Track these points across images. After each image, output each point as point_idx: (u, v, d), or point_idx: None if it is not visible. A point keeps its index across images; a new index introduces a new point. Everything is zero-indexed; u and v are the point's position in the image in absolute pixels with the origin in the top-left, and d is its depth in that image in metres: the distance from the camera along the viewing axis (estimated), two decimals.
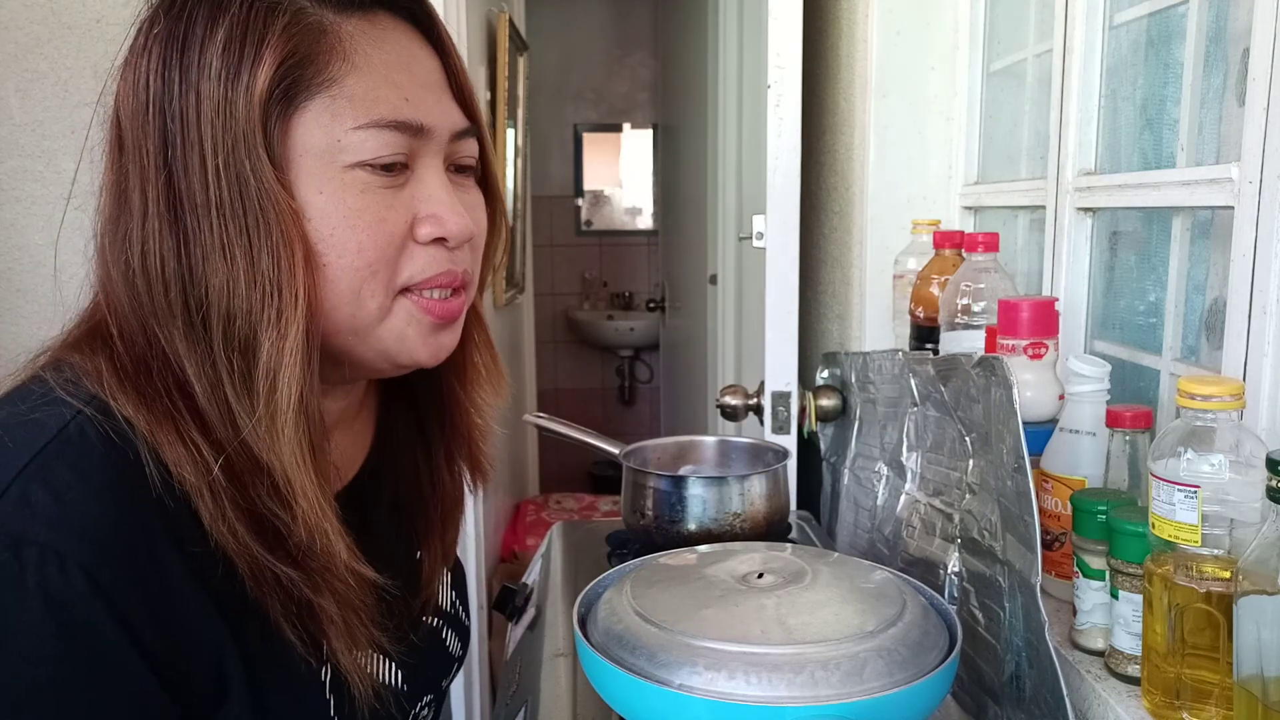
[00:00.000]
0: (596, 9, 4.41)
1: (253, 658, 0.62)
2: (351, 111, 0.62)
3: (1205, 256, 0.98)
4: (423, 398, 0.81)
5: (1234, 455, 0.68)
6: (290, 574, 0.62)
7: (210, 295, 0.60)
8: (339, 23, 0.63)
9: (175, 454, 0.59)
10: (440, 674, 0.84)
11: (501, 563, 2.66)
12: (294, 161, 0.61)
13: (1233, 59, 0.93)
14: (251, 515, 0.61)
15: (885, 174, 1.55)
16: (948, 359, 1.05)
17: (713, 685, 0.66)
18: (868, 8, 1.54)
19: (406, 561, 0.81)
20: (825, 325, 1.87)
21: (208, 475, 0.59)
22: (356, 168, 0.63)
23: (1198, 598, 0.68)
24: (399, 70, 0.64)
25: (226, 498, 0.60)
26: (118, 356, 0.62)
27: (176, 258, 0.60)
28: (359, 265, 0.63)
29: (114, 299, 0.63)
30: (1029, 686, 0.83)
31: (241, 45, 0.60)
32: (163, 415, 0.60)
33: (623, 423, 4.58)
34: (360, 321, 0.65)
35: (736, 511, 1.13)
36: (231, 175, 0.59)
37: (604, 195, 4.58)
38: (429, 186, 0.66)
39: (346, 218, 0.62)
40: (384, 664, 0.74)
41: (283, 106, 0.61)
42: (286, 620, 0.63)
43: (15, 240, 1.80)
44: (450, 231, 0.66)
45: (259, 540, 0.61)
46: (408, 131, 0.64)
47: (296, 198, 0.61)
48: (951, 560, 1.00)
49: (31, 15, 1.77)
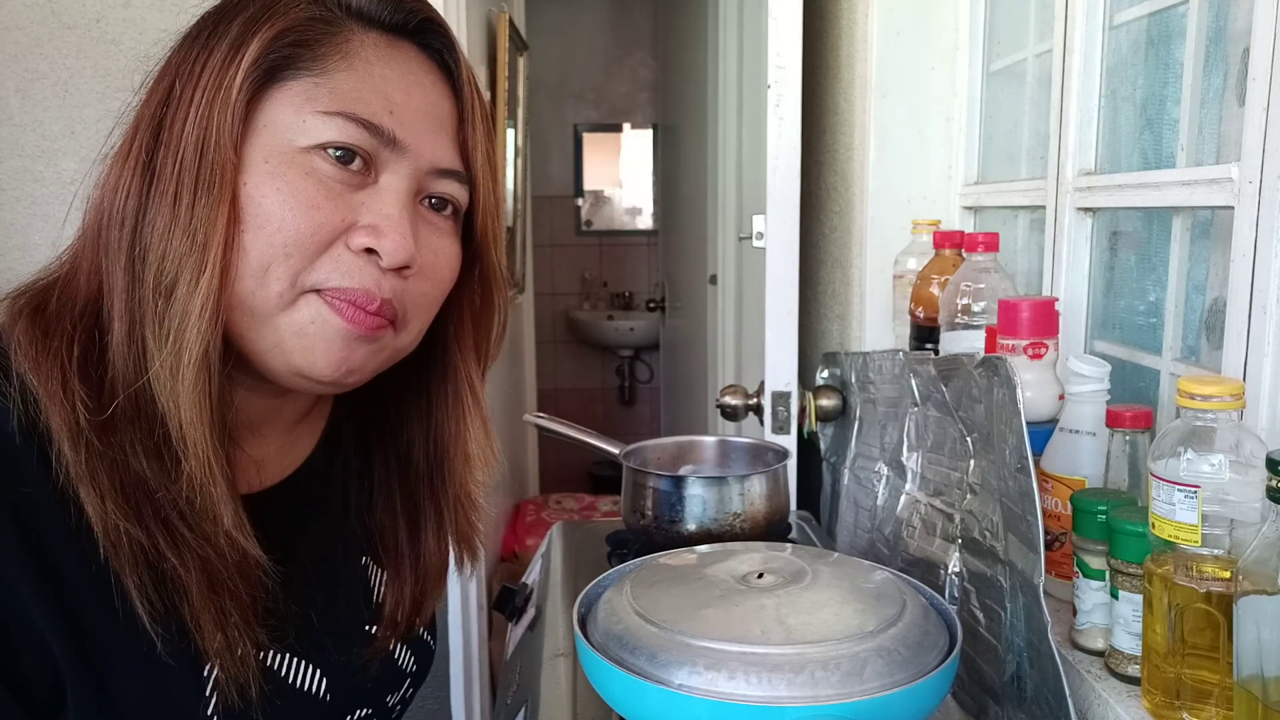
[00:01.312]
0: (596, 9, 4.41)
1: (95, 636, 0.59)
2: (328, 99, 0.63)
3: (1205, 256, 0.98)
4: (418, 461, 0.79)
5: (1234, 455, 0.68)
6: (151, 538, 0.60)
7: (153, 236, 0.61)
8: (357, 31, 0.65)
9: (50, 392, 0.59)
10: (384, 689, 0.80)
11: (501, 563, 2.66)
12: (257, 129, 0.63)
13: (1233, 59, 0.93)
14: (116, 468, 0.59)
15: (885, 174, 1.55)
16: (950, 359, 1.05)
17: (712, 685, 0.66)
18: (868, 8, 1.54)
19: (350, 571, 0.78)
20: (825, 325, 1.87)
21: (75, 419, 0.58)
22: (313, 152, 0.63)
23: (1198, 598, 0.68)
24: (396, 89, 0.65)
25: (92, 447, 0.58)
26: (47, 286, 0.64)
27: (138, 196, 0.62)
28: (273, 241, 0.62)
29: (83, 236, 0.65)
30: (1030, 687, 0.83)
31: (258, 19, 0.63)
32: (53, 355, 0.60)
33: (623, 423, 4.58)
34: (259, 302, 0.63)
35: (736, 511, 1.13)
36: (201, 130, 0.61)
37: (604, 195, 4.58)
38: (383, 199, 0.65)
39: (280, 190, 0.62)
40: (302, 667, 0.71)
41: (265, 74, 0.62)
42: (139, 590, 0.59)
43: (15, 240, 1.80)
44: (384, 247, 0.63)
45: (121, 496, 0.59)
46: (377, 135, 0.64)
47: (244, 158, 0.62)
48: (952, 560, 1.00)
49: (31, 15, 1.77)
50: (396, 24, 0.67)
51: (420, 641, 0.85)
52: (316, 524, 0.77)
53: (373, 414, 0.81)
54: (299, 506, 0.75)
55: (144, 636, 0.60)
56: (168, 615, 0.61)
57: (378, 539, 0.80)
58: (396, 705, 0.82)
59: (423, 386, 0.78)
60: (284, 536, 0.68)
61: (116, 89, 1.74)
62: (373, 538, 0.80)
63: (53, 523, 0.58)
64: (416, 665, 0.84)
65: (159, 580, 0.60)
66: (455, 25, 1.93)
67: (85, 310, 0.63)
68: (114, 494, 0.59)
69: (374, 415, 0.81)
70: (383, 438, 0.81)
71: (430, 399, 0.78)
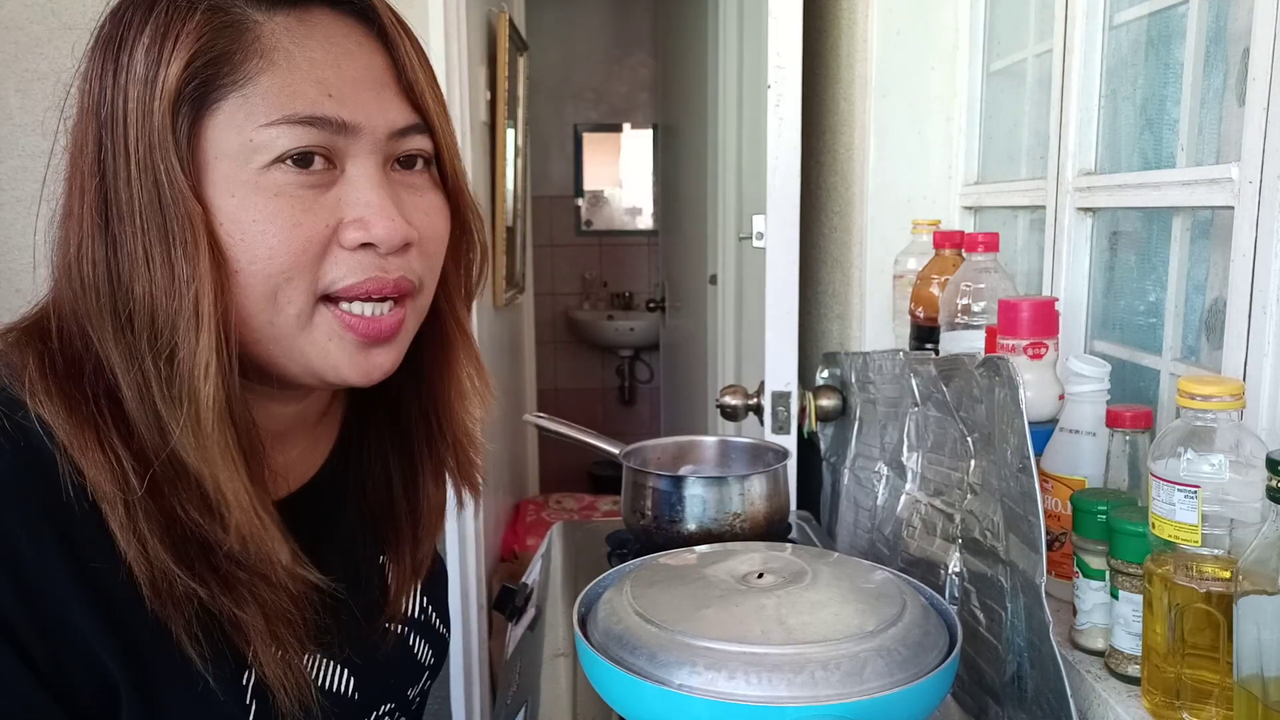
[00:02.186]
0: (596, 9, 4.40)
1: (149, 669, 0.60)
2: (264, 109, 0.60)
3: (1205, 256, 0.98)
4: (408, 409, 0.78)
5: (1234, 455, 0.68)
6: (206, 587, 0.60)
7: (134, 301, 0.59)
8: (261, 21, 0.61)
9: (92, 461, 0.58)
10: (405, 682, 0.81)
11: (501, 563, 2.66)
12: (209, 165, 0.60)
13: (1233, 59, 0.93)
14: (168, 528, 0.59)
15: (885, 174, 1.55)
16: (951, 359, 1.05)
17: (712, 685, 0.66)
18: (868, 8, 1.54)
19: (369, 567, 0.79)
20: (825, 325, 1.87)
21: (124, 485, 0.58)
22: (272, 168, 0.60)
23: (1198, 598, 0.68)
24: (326, 67, 0.61)
25: (142, 509, 0.58)
26: (50, 355, 0.61)
27: (105, 263, 0.59)
28: (271, 271, 0.60)
29: (59, 298, 0.63)
30: (1031, 687, 0.83)
31: (160, 45, 0.59)
32: (85, 420, 0.59)
33: (623, 423, 4.58)
34: (280, 330, 0.62)
35: (736, 511, 1.13)
36: (149, 179, 0.58)
37: (604, 195, 4.58)
38: (358, 189, 0.62)
39: (257, 222, 0.60)
40: (330, 668, 0.72)
41: (193, 106, 0.59)
42: (189, 635, 0.60)
43: (15, 240, 1.80)
44: (377, 237, 0.62)
45: (173, 553, 0.59)
46: (327, 128, 0.61)
47: (208, 201, 0.59)
48: (952, 560, 1.00)
49: (31, 15, 1.77)
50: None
51: (434, 631, 0.86)
52: (340, 522, 0.77)
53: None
54: (323, 507, 0.75)
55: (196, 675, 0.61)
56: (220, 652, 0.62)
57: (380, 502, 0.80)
58: (416, 698, 0.83)
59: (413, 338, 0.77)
60: (312, 540, 0.68)
61: None
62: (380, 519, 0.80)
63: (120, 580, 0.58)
64: (434, 657, 0.85)
65: (211, 624, 0.61)
66: (455, 25, 1.93)
67: (98, 376, 0.61)
68: (169, 549, 0.59)
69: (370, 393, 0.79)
70: (372, 398, 0.79)
71: (419, 345, 0.74)
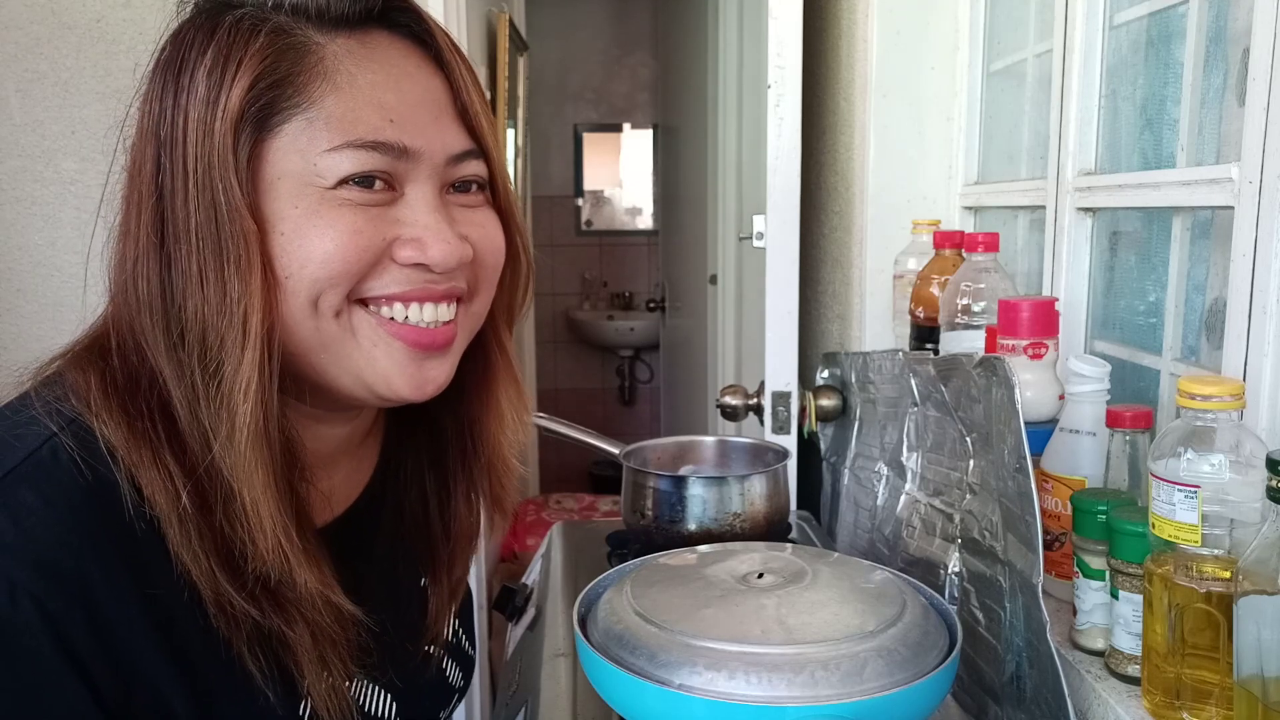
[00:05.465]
0: (596, 9, 4.40)
1: (210, 694, 0.61)
2: (327, 134, 0.60)
3: (1205, 256, 0.98)
4: (445, 429, 0.78)
5: (1234, 455, 0.68)
6: (258, 604, 0.61)
7: (187, 318, 0.60)
8: (324, 43, 0.61)
9: (149, 477, 0.59)
10: (438, 705, 0.82)
11: (501, 563, 2.66)
12: (271, 183, 0.60)
13: (1233, 59, 0.93)
14: (219, 543, 0.60)
15: (885, 174, 1.55)
16: (949, 359, 1.05)
17: (713, 685, 0.66)
18: (868, 8, 1.54)
19: (410, 589, 0.79)
20: (825, 325, 1.87)
21: (177, 500, 0.59)
22: (338, 188, 0.61)
23: (1198, 598, 0.68)
24: (387, 90, 0.62)
25: (193, 524, 0.59)
26: (111, 372, 0.62)
27: (160, 280, 0.60)
28: (320, 275, 0.61)
29: (118, 314, 0.63)
30: (1030, 687, 0.83)
31: (223, 67, 0.59)
32: (141, 436, 0.59)
33: (623, 423, 4.58)
34: (326, 336, 0.62)
35: (736, 511, 1.13)
36: (206, 199, 0.59)
37: (604, 195, 4.58)
38: (416, 210, 0.63)
39: (318, 228, 0.60)
40: (376, 693, 0.72)
41: (256, 127, 0.60)
42: (250, 651, 0.61)
43: (15, 240, 1.79)
44: (432, 258, 0.63)
45: (225, 569, 0.60)
46: (389, 153, 0.62)
47: (269, 211, 0.60)
48: (952, 560, 1.00)
49: (31, 15, 1.77)
50: (359, 15, 0.63)
51: (464, 653, 0.87)
52: (382, 545, 0.77)
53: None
54: (366, 530, 0.75)
55: (256, 689, 0.62)
56: (275, 672, 0.62)
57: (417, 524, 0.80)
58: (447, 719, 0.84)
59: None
60: (357, 563, 0.68)
61: (116, 89, 1.74)
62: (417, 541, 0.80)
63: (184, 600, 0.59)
64: (463, 679, 0.86)
65: (266, 639, 0.62)
66: (455, 25, 1.93)
67: (153, 392, 0.61)
68: (221, 567, 0.60)
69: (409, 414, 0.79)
70: (410, 417, 0.79)
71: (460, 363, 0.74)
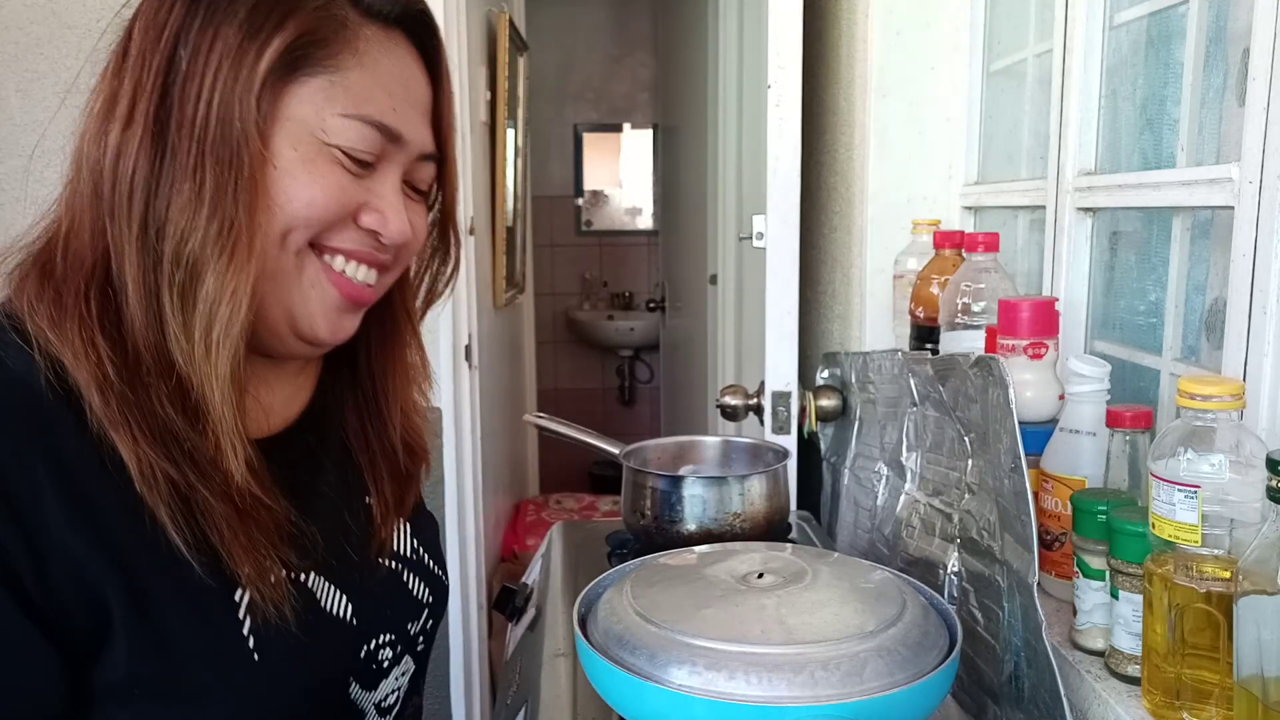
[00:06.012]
0: (596, 9, 4.40)
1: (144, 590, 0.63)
2: (345, 99, 0.67)
3: (1205, 256, 0.98)
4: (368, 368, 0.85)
5: (1234, 455, 0.68)
6: (183, 474, 0.63)
7: (170, 212, 0.63)
8: (360, 24, 0.69)
9: (72, 349, 0.62)
10: (403, 616, 0.83)
11: (501, 563, 2.66)
12: (281, 119, 0.66)
13: (1233, 59, 0.93)
14: (145, 418, 0.63)
15: (885, 174, 1.55)
16: (946, 359, 1.05)
17: (713, 685, 0.66)
18: (868, 8, 1.54)
19: (357, 504, 0.82)
20: (825, 325, 1.87)
21: (101, 373, 0.62)
22: (334, 148, 0.67)
23: (1198, 598, 0.68)
24: (396, 83, 0.71)
25: (118, 396, 0.62)
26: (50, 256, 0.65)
27: (150, 168, 0.64)
28: (301, 215, 0.67)
29: (76, 194, 0.66)
30: (1028, 686, 0.83)
31: (270, 9, 0.65)
32: (69, 313, 0.63)
33: (623, 423, 4.58)
34: (279, 267, 0.68)
35: (736, 511, 1.13)
36: (223, 113, 0.64)
37: (604, 195, 4.58)
38: (384, 187, 0.72)
39: (309, 174, 0.67)
40: (331, 592, 0.75)
41: (284, 70, 0.65)
42: (173, 521, 0.63)
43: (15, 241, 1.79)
44: (389, 232, 0.71)
45: (148, 440, 0.62)
46: (386, 135, 0.70)
47: (271, 147, 0.65)
48: (951, 560, 1.00)
49: (31, 15, 1.77)
50: (395, 15, 0.71)
51: (430, 572, 0.88)
52: (327, 463, 0.81)
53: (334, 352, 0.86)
54: (309, 448, 0.80)
55: (181, 563, 0.64)
56: (200, 544, 0.65)
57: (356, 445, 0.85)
58: (419, 635, 0.85)
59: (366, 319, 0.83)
60: (299, 476, 0.74)
61: None
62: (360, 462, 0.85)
63: (88, 466, 0.62)
64: (432, 597, 0.87)
65: (190, 512, 0.64)
66: (455, 25, 1.94)
67: (95, 268, 0.65)
68: (144, 436, 0.63)
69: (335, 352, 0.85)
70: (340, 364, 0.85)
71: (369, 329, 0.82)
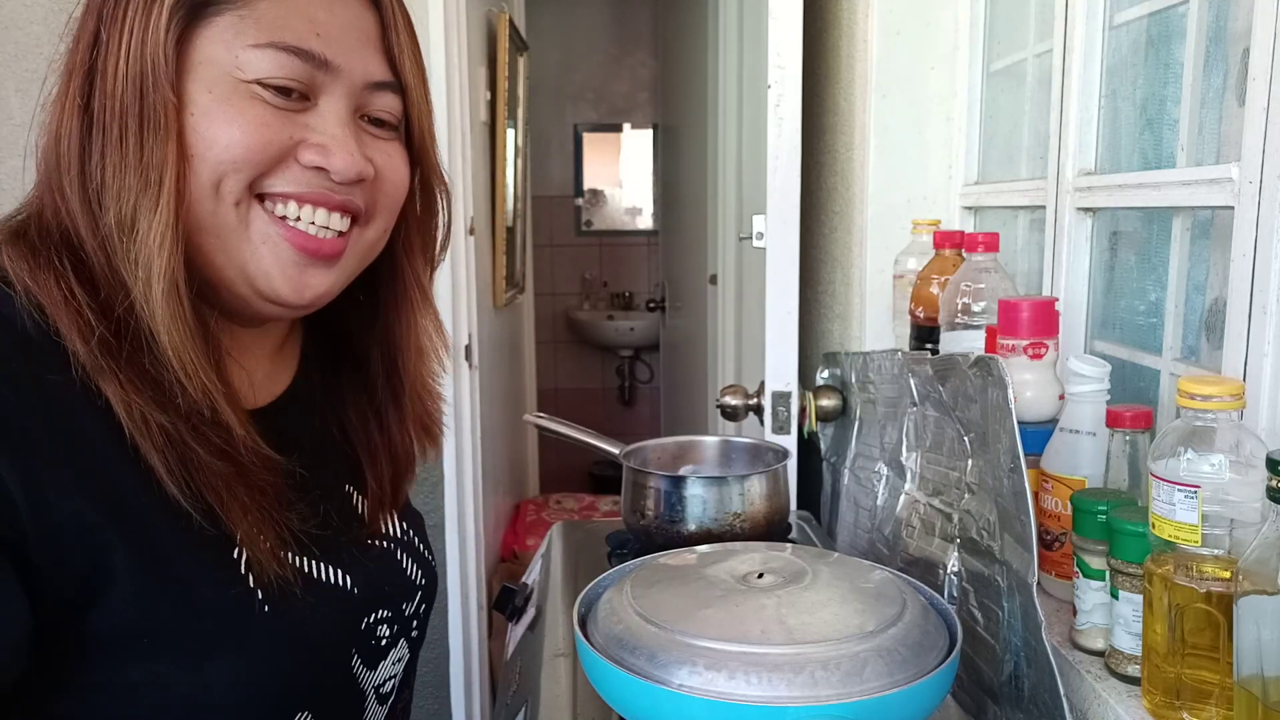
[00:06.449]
0: (596, 9, 4.40)
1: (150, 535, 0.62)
2: (255, 30, 0.65)
3: (1205, 256, 0.98)
4: (373, 362, 0.83)
5: (1234, 455, 0.68)
6: (176, 428, 0.63)
7: (104, 179, 0.64)
8: None
9: (50, 298, 0.62)
10: (398, 594, 0.83)
11: (501, 563, 2.66)
12: (194, 66, 0.65)
13: (1233, 59, 0.93)
14: (138, 368, 0.63)
15: (885, 174, 1.55)
16: (945, 359, 1.05)
17: (713, 685, 0.66)
18: (868, 8, 1.54)
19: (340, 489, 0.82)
20: (825, 325, 1.87)
21: (83, 322, 0.62)
22: (253, 84, 0.65)
23: (1198, 598, 0.68)
24: (321, 9, 0.67)
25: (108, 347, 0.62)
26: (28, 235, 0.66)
27: (79, 139, 0.65)
28: (224, 159, 0.65)
29: (42, 178, 0.68)
30: (1027, 686, 0.83)
31: None
32: (47, 269, 0.63)
33: (623, 423, 4.58)
34: (220, 220, 0.66)
35: (736, 511, 1.13)
36: (135, 70, 0.64)
37: (604, 195, 4.58)
38: (326, 120, 0.68)
39: (226, 114, 0.65)
40: (328, 564, 0.75)
41: (190, 14, 0.65)
42: (170, 475, 0.63)
43: None
44: (334, 165, 0.68)
45: (145, 388, 0.63)
46: (309, 61, 0.66)
47: (185, 93, 0.65)
48: (951, 560, 1.00)
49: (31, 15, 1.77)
50: None
51: (420, 554, 0.88)
52: (309, 441, 0.80)
53: (333, 329, 0.84)
54: (291, 424, 0.79)
55: (182, 513, 0.64)
56: (197, 497, 0.64)
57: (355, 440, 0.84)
58: (413, 618, 0.85)
59: (374, 293, 0.81)
60: (282, 452, 0.72)
61: None
62: (353, 455, 0.84)
63: (80, 406, 0.62)
64: (424, 579, 0.87)
65: (186, 463, 0.64)
66: (455, 25, 1.93)
67: (63, 241, 0.66)
68: (134, 385, 0.62)
69: (334, 330, 0.84)
70: (342, 349, 0.84)
71: (380, 303, 0.81)
